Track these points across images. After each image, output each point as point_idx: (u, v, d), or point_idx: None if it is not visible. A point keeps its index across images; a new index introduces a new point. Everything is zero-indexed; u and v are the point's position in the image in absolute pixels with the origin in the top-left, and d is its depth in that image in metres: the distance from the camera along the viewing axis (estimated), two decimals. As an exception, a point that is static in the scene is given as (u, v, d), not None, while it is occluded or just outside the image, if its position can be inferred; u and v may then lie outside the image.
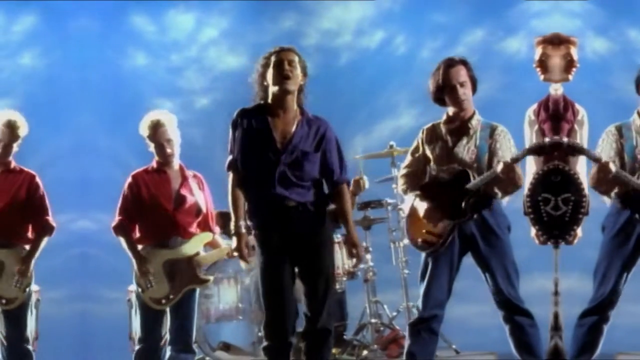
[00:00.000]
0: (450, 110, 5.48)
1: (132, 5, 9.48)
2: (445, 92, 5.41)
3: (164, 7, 9.60)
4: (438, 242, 5.34)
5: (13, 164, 6.01)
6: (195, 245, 6.04)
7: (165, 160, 5.98)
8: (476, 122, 5.47)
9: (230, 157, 5.25)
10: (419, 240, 5.40)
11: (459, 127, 5.46)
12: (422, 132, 5.56)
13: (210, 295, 7.34)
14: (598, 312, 5.41)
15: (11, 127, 5.96)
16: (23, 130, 5.98)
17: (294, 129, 5.16)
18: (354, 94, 9.19)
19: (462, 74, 5.39)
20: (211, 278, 6.13)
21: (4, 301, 5.88)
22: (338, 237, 7.44)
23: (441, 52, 9.24)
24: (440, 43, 9.31)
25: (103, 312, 5.87)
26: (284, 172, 5.12)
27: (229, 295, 7.35)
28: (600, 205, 5.57)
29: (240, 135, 5.20)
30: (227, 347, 7.25)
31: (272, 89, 5.18)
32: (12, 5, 9.16)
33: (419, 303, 5.42)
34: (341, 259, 7.37)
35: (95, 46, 9.06)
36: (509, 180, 5.30)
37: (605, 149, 5.47)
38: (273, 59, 5.20)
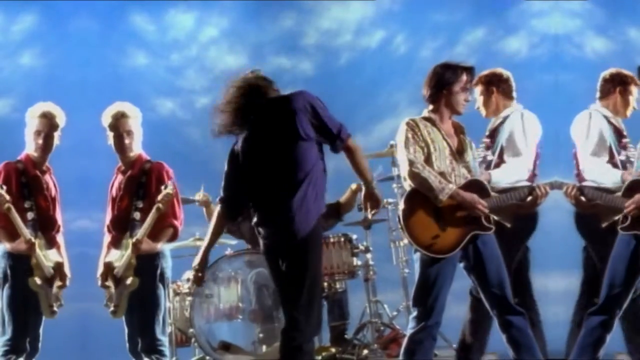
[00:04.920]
0: (442, 113, 5.37)
1: (132, 5, 9.50)
2: (448, 93, 5.33)
3: (164, 6, 9.62)
4: (451, 250, 5.22)
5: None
6: (120, 251, 5.80)
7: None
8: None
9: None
10: (431, 245, 5.22)
11: (460, 142, 5.39)
12: (417, 126, 5.31)
13: (210, 295, 7.34)
14: (600, 313, 5.41)
15: (49, 116, 5.83)
16: (61, 120, 5.87)
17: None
18: (354, 94, 9.19)
19: (468, 81, 5.38)
20: (134, 280, 5.73)
21: (54, 310, 5.81)
22: (339, 235, 7.45)
23: (441, 51, 9.26)
24: (440, 43, 9.32)
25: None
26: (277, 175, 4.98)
27: (229, 294, 7.34)
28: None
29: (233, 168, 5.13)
30: (227, 347, 7.24)
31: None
32: (12, 4, 9.17)
33: (418, 310, 5.27)
34: (341, 258, 7.38)
35: (95, 46, 9.07)
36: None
37: None
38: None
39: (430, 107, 5.39)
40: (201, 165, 6.44)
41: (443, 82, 5.33)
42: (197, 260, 5.21)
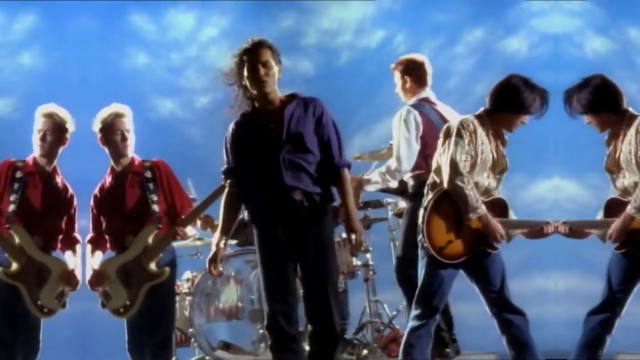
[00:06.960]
0: (498, 123, 5.29)
1: (132, 5, 9.50)
2: (518, 113, 5.26)
3: (164, 6, 9.62)
4: (459, 258, 5.28)
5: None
6: (139, 242, 5.78)
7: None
8: None
9: (225, 166, 5.30)
10: (443, 248, 5.26)
11: (499, 155, 5.34)
12: (475, 132, 5.22)
13: (210, 295, 7.35)
14: (601, 312, 5.41)
15: (50, 116, 5.85)
16: (67, 123, 5.88)
17: (286, 115, 5.15)
18: (354, 93, 9.19)
19: (538, 106, 5.34)
20: (166, 270, 5.78)
21: (45, 310, 5.82)
22: (339, 234, 7.45)
23: (441, 51, 9.27)
24: (441, 42, 9.32)
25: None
26: (290, 159, 5.11)
27: (229, 294, 7.35)
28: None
29: (235, 146, 5.23)
30: (227, 347, 7.25)
31: (253, 91, 5.20)
32: (12, 4, 9.17)
33: (420, 309, 5.33)
34: (340, 258, 7.38)
35: (95, 46, 9.07)
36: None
37: None
38: (246, 61, 5.18)
39: (488, 107, 5.30)
40: (201, 165, 6.44)
41: (521, 103, 5.24)
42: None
